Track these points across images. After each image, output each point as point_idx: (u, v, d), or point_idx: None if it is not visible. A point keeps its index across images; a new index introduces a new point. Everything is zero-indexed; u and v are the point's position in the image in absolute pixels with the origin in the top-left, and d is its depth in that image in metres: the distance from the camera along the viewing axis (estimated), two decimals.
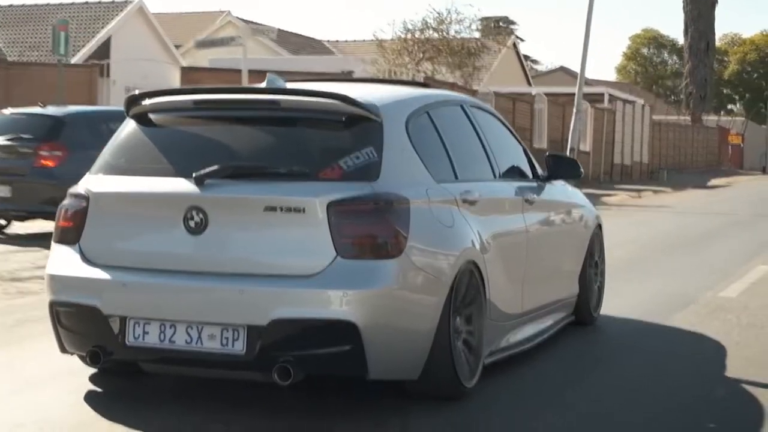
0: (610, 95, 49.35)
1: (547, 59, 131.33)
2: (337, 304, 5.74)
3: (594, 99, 45.31)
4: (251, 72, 26.60)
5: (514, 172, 7.95)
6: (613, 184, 40.86)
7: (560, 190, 8.70)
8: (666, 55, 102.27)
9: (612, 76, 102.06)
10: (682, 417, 6.38)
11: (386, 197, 5.93)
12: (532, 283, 7.68)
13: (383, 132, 6.20)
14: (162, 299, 6.02)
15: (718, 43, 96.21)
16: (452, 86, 30.05)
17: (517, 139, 8.37)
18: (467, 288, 6.44)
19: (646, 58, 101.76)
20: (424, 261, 6.02)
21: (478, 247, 6.60)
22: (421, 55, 36.89)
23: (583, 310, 8.99)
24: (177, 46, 43.06)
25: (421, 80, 25.60)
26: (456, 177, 6.79)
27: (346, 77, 24.70)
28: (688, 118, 70.40)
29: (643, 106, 52.13)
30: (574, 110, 29.61)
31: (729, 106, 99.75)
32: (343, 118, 6.21)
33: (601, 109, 45.15)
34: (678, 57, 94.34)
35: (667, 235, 18.76)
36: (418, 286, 6.00)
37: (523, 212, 7.63)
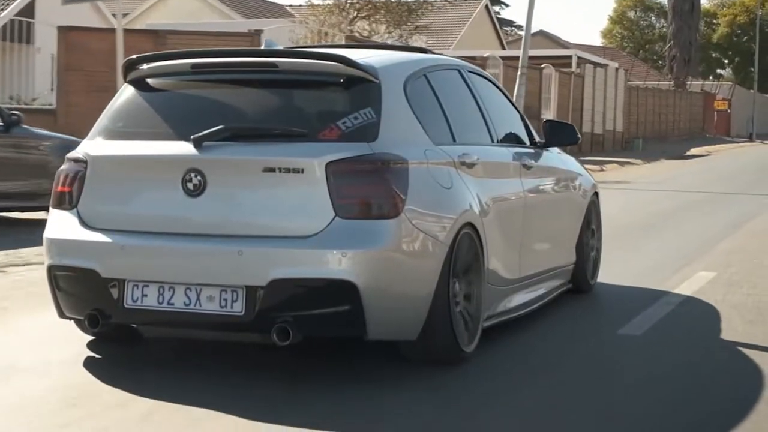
0: (578, 57, 45.40)
1: (534, 24, 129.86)
2: (336, 264, 5.74)
3: (561, 62, 41.88)
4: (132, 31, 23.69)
5: (511, 138, 7.95)
6: (580, 156, 35.06)
7: (557, 157, 8.70)
8: (653, 18, 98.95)
9: (598, 41, 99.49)
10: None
11: (384, 157, 5.93)
12: (530, 249, 7.68)
13: (381, 93, 6.20)
14: (160, 261, 6.01)
15: (706, 5, 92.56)
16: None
17: (514, 106, 8.37)
18: (466, 250, 6.43)
19: (633, 22, 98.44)
20: (422, 222, 6.02)
21: (476, 210, 6.60)
22: (355, 14, 33.42)
23: (580, 277, 9.00)
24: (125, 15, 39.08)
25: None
26: (454, 140, 6.79)
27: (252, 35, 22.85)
28: (672, 83, 66.28)
29: (617, 69, 47.83)
30: (518, 73, 25.17)
31: (718, 71, 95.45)
32: (342, 80, 6.21)
33: (567, 73, 40.63)
34: (666, 20, 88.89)
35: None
36: (416, 247, 5.99)
37: (521, 177, 7.63)
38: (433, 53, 7.73)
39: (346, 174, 5.83)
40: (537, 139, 8.33)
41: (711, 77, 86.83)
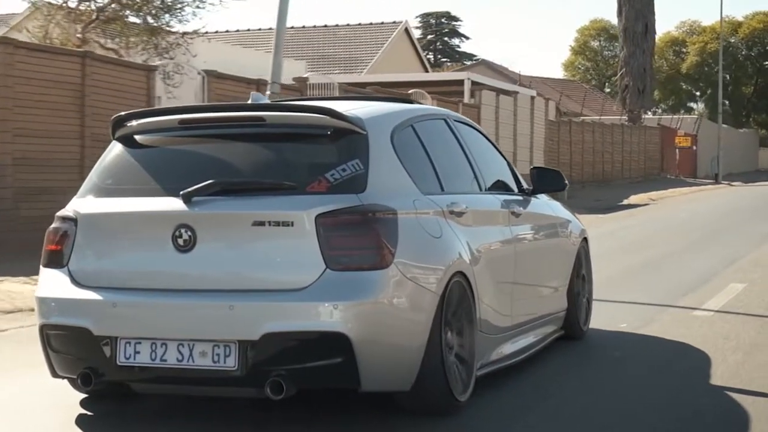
0: (473, 83, 35.17)
1: (494, 55, 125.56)
2: (328, 316, 5.74)
3: (454, 89, 34.05)
4: None
5: (499, 185, 7.97)
6: None
7: (545, 203, 8.73)
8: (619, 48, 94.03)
9: (559, 74, 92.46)
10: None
11: (373, 208, 5.94)
12: (521, 297, 7.69)
13: (369, 144, 6.23)
14: (152, 318, 6.00)
15: (674, 32, 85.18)
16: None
17: (501, 153, 8.40)
18: (457, 299, 6.45)
19: (596, 52, 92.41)
20: (413, 271, 6.03)
21: (467, 258, 6.61)
22: (94, 16, 23.25)
23: (573, 324, 9.00)
24: None
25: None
26: (442, 189, 6.82)
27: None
28: (626, 116, 57.22)
29: (533, 98, 38.93)
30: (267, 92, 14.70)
31: (689, 104, 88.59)
32: (329, 132, 6.24)
33: (453, 102, 30.89)
34: None
35: None
36: (407, 297, 5.99)
37: (510, 225, 7.65)
38: (420, 103, 7.77)
39: (335, 226, 5.85)
40: (524, 186, 8.36)
41: (682, 111, 79.32)
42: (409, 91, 26.85)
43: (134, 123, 6.62)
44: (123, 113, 6.73)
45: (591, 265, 9.62)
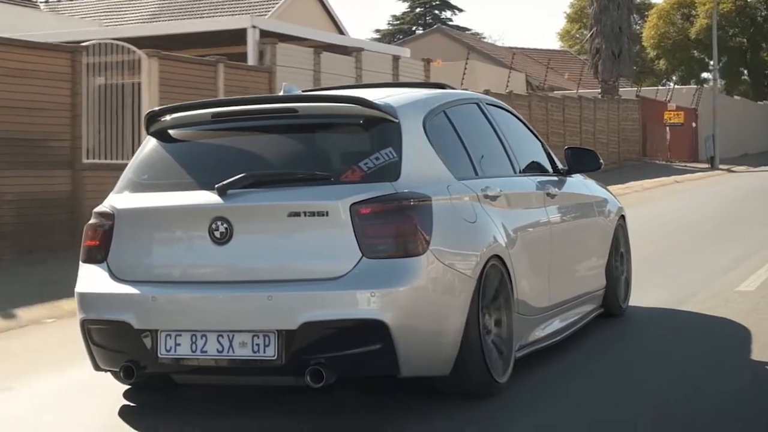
0: (262, 32, 22.41)
1: (489, 28, 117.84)
2: (365, 303, 5.78)
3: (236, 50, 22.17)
4: None
5: (533, 167, 7.98)
6: None
7: (581, 183, 8.73)
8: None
9: (555, 44, 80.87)
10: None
11: (407, 195, 5.97)
12: (558, 277, 7.70)
13: (401, 132, 6.26)
14: (191, 310, 6.07)
15: None
16: None
17: (535, 135, 8.41)
18: (494, 283, 6.47)
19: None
20: (449, 257, 6.06)
21: (502, 242, 6.63)
22: None
23: (612, 302, 9.00)
24: None
25: None
26: (476, 173, 6.84)
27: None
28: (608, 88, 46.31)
29: (396, 58, 27.37)
30: None
31: (703, 75, 75.93)
32: (361, 121, 6.27)
33: (207, 64, 19.40)
34: (638, 15, 70.75)
35: None
36: (444, 282, 6.03)
37: (545, 206, 7.66)
38: (453, 88, 7.78)
39: (370, 214, 5.88)
40: (559, 166, 8.36)
41: (693, 82, 68.12)
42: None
43: (168, 118, 6.67)
44: (156, 108, 6.79)
45: (629, 243, 9.61)
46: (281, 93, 6.83)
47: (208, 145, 6.66)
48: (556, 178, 8.17)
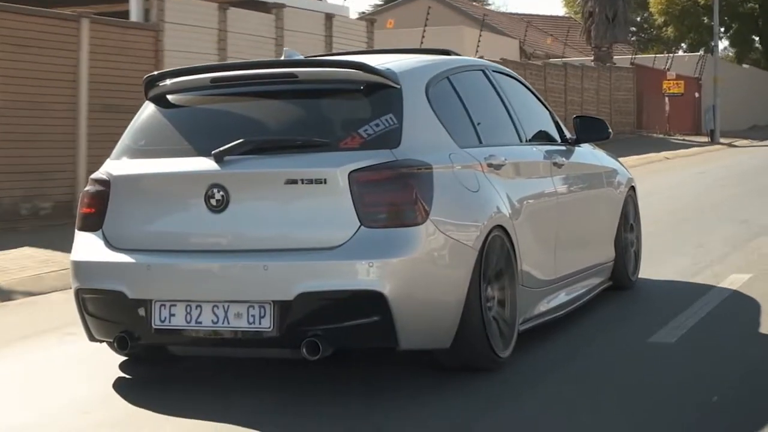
0: None
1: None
2: (363, 274, 5.64)
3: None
4: None
5: (540, 136, 7.81)
6: None
7: (589, 153, 8.56)
8: None
9: (560, 11, 78.12)
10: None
11: (408, 163, 5.82)
12: (565, 248, 7.54)
13: (403, 98, 6.10)
14: (186, 280, 5.94)
15: None
16: None
17: (543, 103, 8.23)
18: (497, 254, 6.32)
19: None
20: (450, 227, 5.90)
21: (506, 212, 6.47)
22: None
23: (621, 274, 8.84)
24: None
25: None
26: (480, 142, 6.68)
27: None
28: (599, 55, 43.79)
29: (329, 17, 23.24)
30: None
31: (713, 44, 68.56)
32: (362, 87, 6.12)
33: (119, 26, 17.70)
34: None
35: None
36: (445, 253, 5.88)
37: (552, 176, 7.49)
38: (458, 55, 7.60)
39: (369, 182, 5.74)
40: (568, 136, 8.18)
41: (703, 50, 62.93)
42: None
43: (167, 82, 6.53)
44: (155, 73, 6.64)
45: (639, 215, 9.43)
46: (283, 57, 6.65)
47: (207, 111, 6.52)
48: (563, 148, 7.99)
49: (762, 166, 27.02)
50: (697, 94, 47.22)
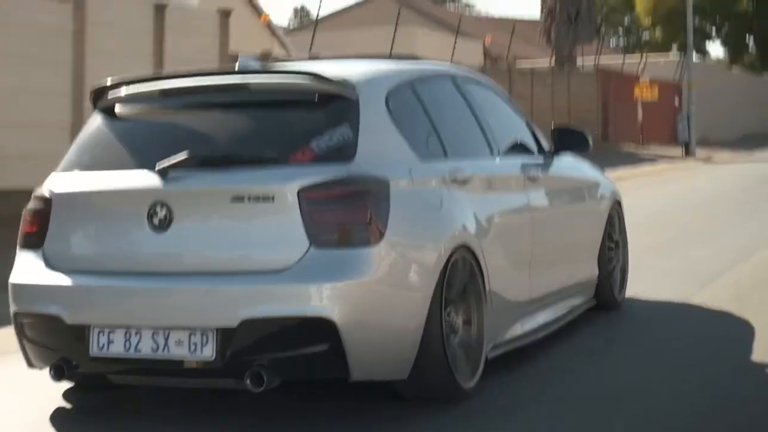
0: None
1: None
2: (312, 299, 5.24)
3: None
4: None
5: (515, 148, 7.38)
6: None
7: (570, 164, 8.10)
8: None
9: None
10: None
11: (362, 179, 5.41)
12: (542, 267, 7.11)
13: (359, 109, 5.70)
14: (126, 304, 5.56)
15: None
16: None
17: (520, 113, 7.80)
18: (461, 275, 5.90)
19: None
20: (407, 247, 5.50)
21: (472, 230, 6.05)
22: None
23: (605, 293, 8.41)
24: None
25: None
26: (445, 155, 6.26)
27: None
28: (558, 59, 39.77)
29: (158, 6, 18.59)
30: None
31: (708, 45, 67.63)
32: (316, 97, 5.71)
33: None
34: None
35: None
36: (401, 275, 5.47)
37: (526, 190, 7.06)
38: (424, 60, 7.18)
39: (320, 199, 5.33)
40: (546, 147, 7.75)
41: (695, 55, 57.75)
42: None
43: (114, 93, 6.16)
44: (103, 82, 6.26)
45: (625, 230, 8.98)
46: (237, 66, 6.25)
47: (154, 123, 6.13)
48: (541, 161, 7.54)
49: (723, 195, 20.68)
50: (677, 102, 41.92)
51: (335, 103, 5.70)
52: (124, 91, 6.14)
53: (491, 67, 33.69)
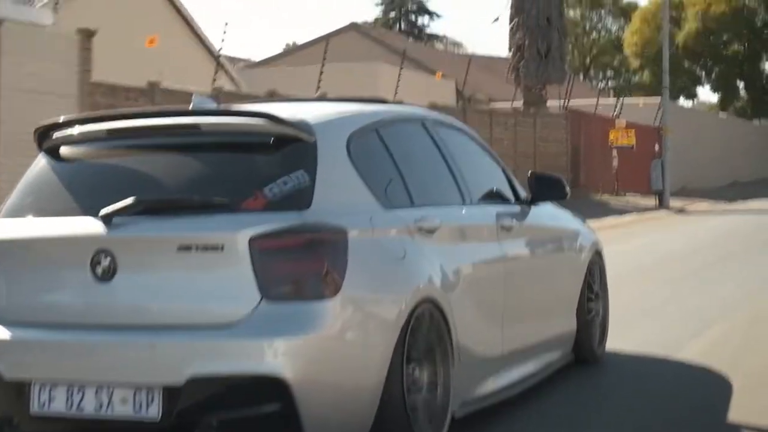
0: None
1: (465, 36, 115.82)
2: (263, 355, 4.92)
3: None
4: None
5: (489, 196, 7.06)
6: None
7: (548, 213, 7.76)
8: (606, 17, 72.02)
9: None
10: None
11: (317, 227, 5.09)
12: (515, 320, 6.77)
13: (317, 153, 5.38)
14: (68, 358, 5.23)
15: None
16: None
17: (495, 159, 7.47)
18: (426, 330, 5.56)
19: (575, 23, 70.15)
20: (366, 301, 5.18)
21: (438, 282, 5.72)
22: None
23: (584, 347, 8.06)
24: None
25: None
26: (412, 203, 5.93)
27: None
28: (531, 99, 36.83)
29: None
30: None
31: (697, 88, 66.09)
32: (271, 140, 5.40)
33: None
34: (624, 18, 66.81)
35: None
36: (359, 331, 5.14)
37: (500, 240, 6.72)
38: (395, 103, 6.87)
39: (272, 249, 5.01)
40: (522, 195, 7.42)
41: (682, 97, 59.78)
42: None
43: (60, 133, 5.84)
44: (48, 122, 5.94)
45: (606, 281, 8.64)
46: (191, 107, 5.94)
47: (100, 165, 5.80)
48: (516, 209, 7.21)
49: (679, 254, 18.27)
50: (657, 147, 37.46)
51: (292, 147, 5.39)
52: (69, 131, 5.84)
53: (461, 106, 32.06)
